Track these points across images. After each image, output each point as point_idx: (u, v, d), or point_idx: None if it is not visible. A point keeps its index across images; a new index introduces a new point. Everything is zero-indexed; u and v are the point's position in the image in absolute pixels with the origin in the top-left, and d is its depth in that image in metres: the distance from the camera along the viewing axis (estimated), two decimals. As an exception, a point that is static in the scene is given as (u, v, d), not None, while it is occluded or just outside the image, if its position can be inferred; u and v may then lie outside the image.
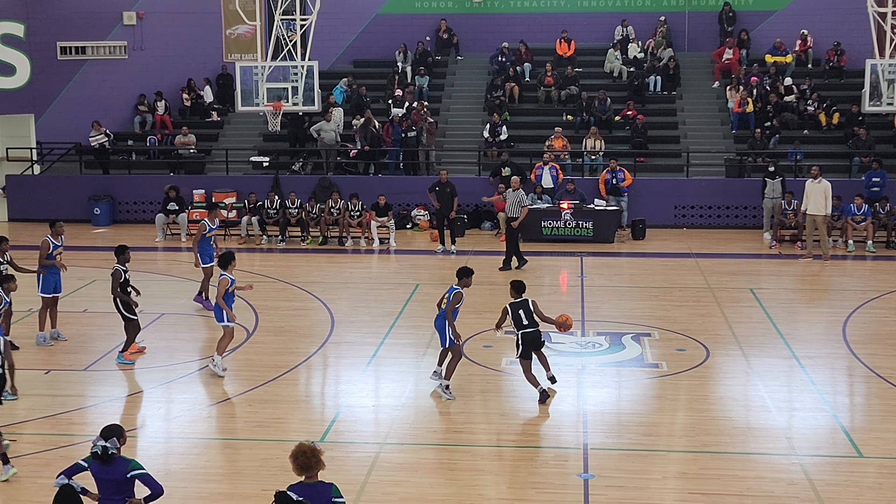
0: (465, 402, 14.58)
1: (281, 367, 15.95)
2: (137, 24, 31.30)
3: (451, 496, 11.49)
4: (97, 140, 28.92)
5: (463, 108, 31.06)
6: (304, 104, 25.06)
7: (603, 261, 23.43)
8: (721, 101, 30.46)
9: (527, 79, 31.46)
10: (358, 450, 13.02)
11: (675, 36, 32.57)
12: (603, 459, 12.47)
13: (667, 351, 16.65)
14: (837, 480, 11.86)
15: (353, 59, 32.70)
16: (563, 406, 14.41)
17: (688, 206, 27.17)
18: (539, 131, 29.24)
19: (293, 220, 25.68)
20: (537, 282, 21.74)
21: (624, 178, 26.57)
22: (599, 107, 29.51)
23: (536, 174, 26.75)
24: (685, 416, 14.08)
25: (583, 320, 18.43)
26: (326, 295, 20.19)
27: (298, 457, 8.28)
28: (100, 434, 8.81)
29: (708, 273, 22.00)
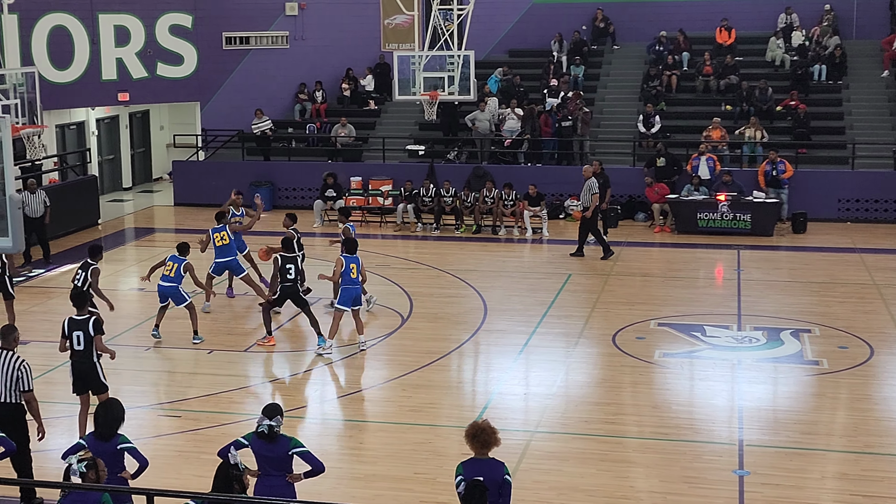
0: (617, 393, 14.52)
1: (434, 353, 16.15)
2: (299, 14, 31.99)
3: (603, 486, 11.46)
4: (260, 127, 29.72)
5: (618, 97, 30.76)
6: (460, 93, 25.20)
7: (761, 254, 22.92)
8: (890, 90, 29.35)
9: (685, 68, 30.95)
10: (509, 437, 13.05)
11: (841, 23, 31.51)
12: (759, 456, 12.24)
13: (828, 348, 16.20)
14: None
15: (509, 48, 32.70)
16: (717, 401, 14.21)
17: (852, 200, 26.29)
18: (696, 122, 28.73)
19: (447, 209, 25.89)
20: (692, 274, 21.47)
21: (784, 170, 25.88)
22: (760, 96, 28.81)
23: (693, 165, 26.30)
24: (846, 415, 13.71)
25: (739, 314, 18.09)
26: (479, 283, 20.32)
27: (478, 434, 8.46)
28: (262, 413, 9.07)
29: (873, 269, 21.29)
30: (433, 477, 11.57)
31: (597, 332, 17.10)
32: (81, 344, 12.10)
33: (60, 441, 12.68)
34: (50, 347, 16.48)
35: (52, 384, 14.55)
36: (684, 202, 25.29)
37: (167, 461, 12.11)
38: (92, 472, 8.25)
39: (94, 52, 29.91)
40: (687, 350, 16.16)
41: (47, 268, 21.91)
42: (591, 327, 17.46)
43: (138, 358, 16.04)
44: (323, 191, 26.81)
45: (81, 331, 12.09)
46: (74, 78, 29.62)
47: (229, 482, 8.18)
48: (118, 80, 30.41)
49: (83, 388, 12.38)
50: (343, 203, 26.50)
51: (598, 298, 19.27)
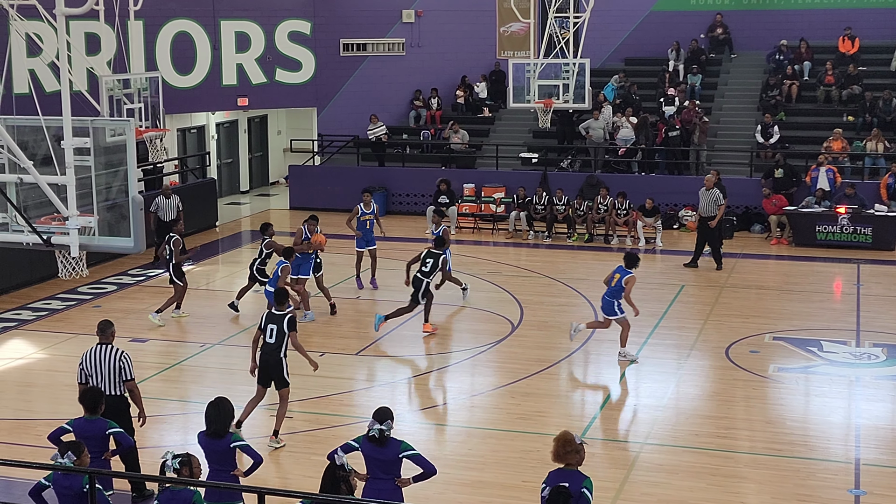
0: (729, 407, 14.31)
1: (543, 361, 16.14)
2: (415, 21, 32.29)
3: (712, 501, 11.32)
4: (375, 133, 30.06)
5: (735, 107, 30.29)
6: (575, 101, 25.14)
7: (882, 269, 22.34)
8: None
9: (805, 77, 30.34)
10: (618, 448, 13.04)
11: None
12: (876, 476, 11.96)
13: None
14: None
15: (625, 56, 32.48)
16: (834, 418, 13.91)
17: (979, 214, 25.44)
18: (816, 132, 28.13)
19: (560, 217, 25.83)
20: (809, 287, 21.01)
21: (907, 183, 25.20)
22: (884, 107, 28.08)
23: (812, 177, 25.77)
24: (968, 436, 13.27)
25: (858, 330, 17.66)
26: (591, 292, 20.20)
27: (557, 443, 8.46)
28: (373, 417, 9.16)
29: None
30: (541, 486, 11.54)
31: (710, 345, 16.88)
32: (273, 337, 12.63)
33: (175, 438, 13.06)
34: (168, 345, 16.99)
35: (168, 381, 14.94)
36: (803, 214, 24.78)
37: (278, 461, 12.34)
38: (186, 469, 8.44)
39: (215, 58, 30.62)
40: (803, 365, 15.85)
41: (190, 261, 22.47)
42: (703, 339, 17.24)
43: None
44: (436, 197, 26.99)
45: (276, 325, 12.65)
46: (196, 83, 30.37)
47: (336, 483, 8.29)
48: (238, 86, 31.08)
49: (267, 380, 12.80)
50: (456, 209, 26.66)
51: (712, 311, 19.01)
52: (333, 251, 23.83)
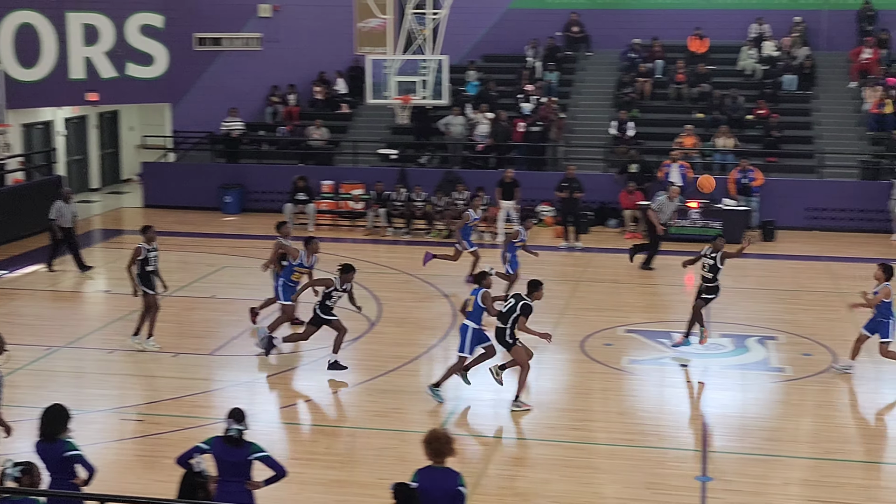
0: (584, 400, 14.53)
1: (401, 357, 16.12)
2: (272, 16, 31.91)
3: (566, 493, 11.46)
4: (229, 127, 29.55)
5: (591, 104, 30.84)
6: (433, 98, 25.21)
7: (730, 261, 22.84)
8: (857, 101, 29.57)
9: (658, 75, 31.07)
10: (475, 443, 13.11)
11: (811, 35, 31.73)
12: (722, 463, 12.30)
13: (792, 355, 16.29)
14: (967, 495, 11.49)
15: (484, 53, 32.73)
16: (684, 408, 14.26)
17: (819, 209, 26.48)
18: (669, 129, 28.84)
19: (418, 213, 25.88)
20: (661, 281, 21.51)
21: (755, 178, 26.04)
22: (731, 105, 28.96)
23: (664, 172, 26.41)
24: (809, 421, 13.78)
25: (708, 322, 18.11)
26: (449, 288, 20.30)
27: (432, 441, 8.39)
28: (229, 416, 8.98)
29: (838, 277, 21.42)
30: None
31: (565, 339, 17.10)
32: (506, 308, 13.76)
33: (17, 445, 12.58)
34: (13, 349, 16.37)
35: (10, 387, 14.41)
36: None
37: (128, 465, 12.03)
38: (27, 478, 8.14)
39: (61, 51, 29.69)
40: (654, 357, 16.20)
41: (9, 269, 21.75)
42: (559, 333, 17.45)
43: (104, 361, 15.91)
44: (293, 194, 26.73)
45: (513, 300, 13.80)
46: (41, 77, 29.40)
47: (194, 489, 8.10)
48: (87, 80, 30.19)
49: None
50: (314, 207, 26.45)
51: (568, 304, 19.29)
52: (192, 249, 23.42)
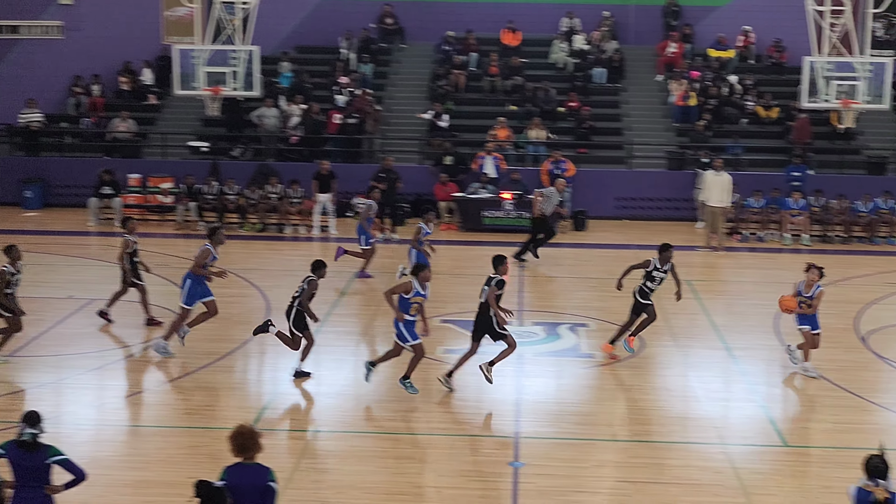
0: (400, 391, 14.49)
1: (214, 353, 15.77)
2: (74, 4, 30.74)
3: (381, 484, 11.42)
4: (27, 118, 28.32)
5: (406, 96, 30.90)
6: (244, 89, 24.77)
7: (543, 251, 23.39)
8: (664, 94, 30.58)
9: (472, 68, 31.38)
10: (289, 437, 12.92)
11: (619, 29, 32.63)
12: (535, 448, 12.49)
13: (602, 341, 16.65)
14: (762, 469, 12.00)
15: (297, 44, 32.37)
16: (498, 395, 14.39)
17: (629, 198, 27.28)
18: (483, 121, 29.17)
19: (231, 207, 25.42)
20: (476, 271, 21.62)
21: (566, 169, 26.61)
22: (543, 98, 29.50)
23: (479, 164, 26.70)
24: (618, 405, 14.14)
25: (520, 310, 18.41)
26: (264, 282, 20.00)
27: (236, 437, 8.24)
28: (22, 420, 8.60)
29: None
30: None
31: (382, 330, 17.06)
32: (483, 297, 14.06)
33: None
34: None
35: None
36: (470, 200, 25.63)
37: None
38: None
39: None
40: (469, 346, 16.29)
41: None
42: (376, 326, 17.42)
43: None
44: (98, 188, 25.81)
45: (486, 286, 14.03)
46: None
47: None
48: None
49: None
50: (121, 201, 25.62)
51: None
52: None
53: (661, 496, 11.23)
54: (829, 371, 14.98)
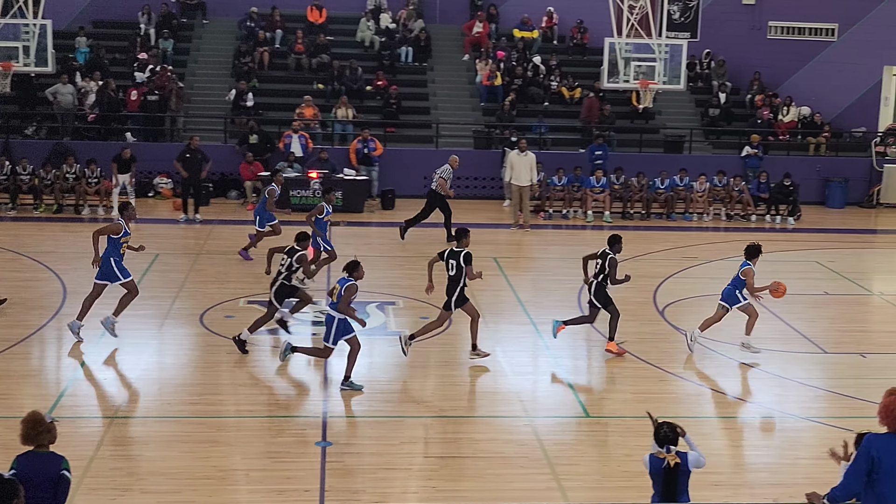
0: (204, 374, 14.17)
1: (7, 340, 15.02)
2: None
3: (184, 469, 11.10)
4: None
5: (209, 73, 30.20)
6: (37, 65, 23.68)
7: (352, 230, 23.30)
8: (471, 73, 30.85)
9: (277, 45, 30.91)
10: (87, 424, 12.42)
11: (426, 8, 32.74)
12: (343, 427, 12.43)
13: (411, 319, 16.70)
14: (565, 440, 12.25)
15: (93, 19, 31.17)
16: (306, 376, 14.23)
17: (437, 177, 27.40)
18: (289, 99, 28.79)
19: (25, 187, 24.30)
20: (284, 251, 21.37)
21: (375, 148, 26.54)
22: (350, 76, 29.32)
23: (285, 143, 26.34)
24: (427, 382, 14.16)
25: (327, 289, 18.21)
26: (59, 265, 19.19)
27: (24, 425, 7.94)
28: None
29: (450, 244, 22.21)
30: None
31: (185, 313, 16.64)
32: (454, 270, 14.47)
33: None
34: None
35: None
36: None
37: None
38: None
39: None
40: (276, 327, 16.05)
41: None
42: (178, 307, 16.96)
43: None
44: None
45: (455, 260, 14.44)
46: None
47: None
48: None
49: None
50: None
51: (187, 278, 18.79)
52: None
53: (468, 470, 11.31)
54: (629, 344, 15.40)
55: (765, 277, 15.43)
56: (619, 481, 11.08)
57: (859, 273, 21.20)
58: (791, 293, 16.20)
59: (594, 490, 10.90)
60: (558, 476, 11.16)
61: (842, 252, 22.63)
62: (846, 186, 27.95)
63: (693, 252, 22.21)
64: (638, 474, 9.61)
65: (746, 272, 14.94)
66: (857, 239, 24.41)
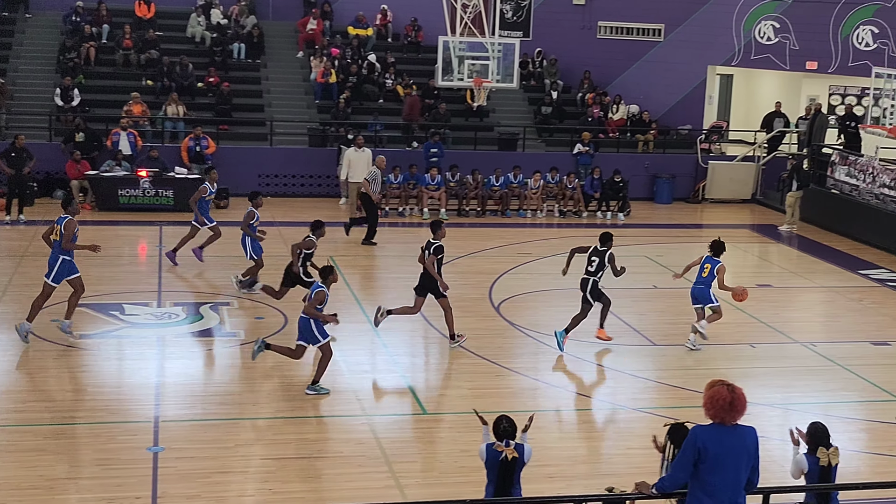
0: (29, 380, 13.66)
1: None
2: None
3: (8, 479, 10.67)
4: None
5: (33, 69, 29.07)
6: None
7: (184, 230, 22.78)
8: (305, 71, 30.59)
9: (104, 40, 29.99)
10: None
11: (259, 4, 32.32)
12: (175, 431, 12.11)
13: (246, 319, 16.48)
14: (403, 437, 12.27)
15: None
16: (136, 379, 13.86)
17: (272, 175, 27.11)
18: (116, 96, 27.96)
19: None
20: (112, 252, 20.77)
21: (208, 146, 26.05)
22: (181, 72, 28.69)
23: (113, 140, 25.59)
24: (262, 383, 13.96)
25: (160, 291, 17.83)
26: None
27: None
28: None
29: (290, 241, 21.89)
30: None
31: (9, 318, 15.95)
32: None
33: None
34: None
35: None
36: (105, 178, 24.54)
37: None
38: None
39: None
40: (106, 330, 15.62)
41: None
42: (2, 312, 16.27)
43: None
44: None
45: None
46: None
47: None
48: None
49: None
50: None
51: (11, 281, 18.06)
52: None
53: (305, 470, 11.21)
54: (466, 340, 15.51)
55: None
56: (456, 477, 11.15)
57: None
58: (622, 287, 16.67)
59: (432, 487, 10.93)
60: (396, 474, 11.16)
61: (670, 246, 23.33)
62: (673, 183, 28.83)
63: (527, 249, 22.54)
64: (475, 469, 9.69)
65: (720, 269, 15.58)
66: (683, 233, 25.21)
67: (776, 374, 15.08)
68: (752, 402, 7.76)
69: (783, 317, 17.54)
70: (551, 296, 18.05)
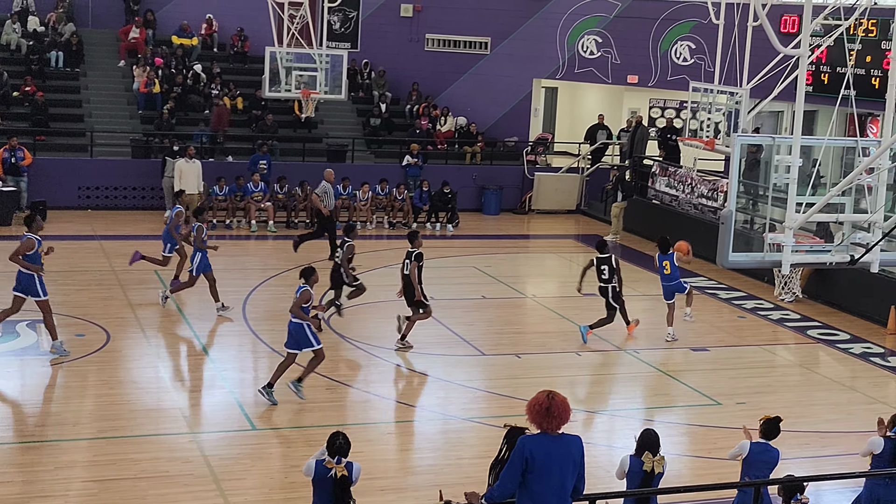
0: None
1: None
2: None
3: None
4: None
5: None
6: None
7: (2, 245, 21.87)
8: (127, 80, 29.76)
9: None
10: None
11: (78, 11, 31.31)
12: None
13: (66, 337, 15.82)
14: (231, 454, 12.03)
15: None
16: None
17: (92, 187, 26.26)
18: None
19: None
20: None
21: (24, 157, 25.05)
22: (-7, 81, 27.56)
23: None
24: (83, 402, 13.48)
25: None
26: None
27: None
28: None
29: (112, 255, 21.35)
30: None
31: None
32: (407, 269, 15.67)
33: None
34: None
35: None
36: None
37: None
38: None
39: None
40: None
41: None
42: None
43: None
44: None
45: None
46: None
47: None
48: None
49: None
50: None
51: None
52: None
53: (129, 492, 10.85)
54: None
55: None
56: (285, 493, 10.99)
57: (514, 277, 22.18)
58: (450, 298, 16.76)
59: (260, 503, 10.73)
60: (224, 491, 10.92)
61: (497, 257, 23.63)
62: (500, 194, 29.22)
63: (357, 260, 22.43)
64: (303, 484, 9.55)
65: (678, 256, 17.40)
66: (511, 244, 25.57)
67: (602, 382, 15.42)
68: (578, 410, 7.89)
69: (609, 326, 17.97)
70: (381, 308, 18.02)
